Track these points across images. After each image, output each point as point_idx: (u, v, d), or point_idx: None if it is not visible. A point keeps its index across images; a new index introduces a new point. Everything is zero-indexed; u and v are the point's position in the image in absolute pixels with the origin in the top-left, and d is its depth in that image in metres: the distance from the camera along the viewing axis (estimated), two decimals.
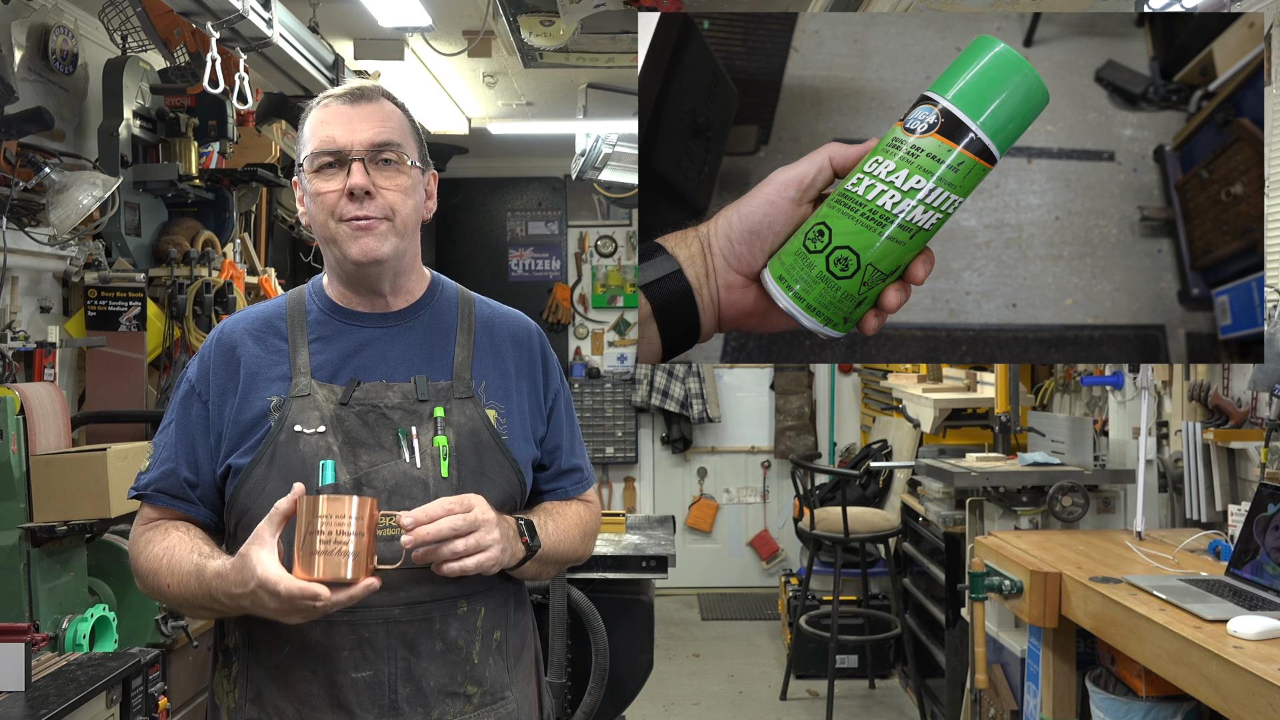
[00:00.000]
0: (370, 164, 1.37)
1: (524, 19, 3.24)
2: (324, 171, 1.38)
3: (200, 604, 1.34)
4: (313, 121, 1.40)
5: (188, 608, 1.39)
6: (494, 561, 1.31)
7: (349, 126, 1.37)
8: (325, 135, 1.38)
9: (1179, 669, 2.00)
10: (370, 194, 1.37)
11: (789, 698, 4.77)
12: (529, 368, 1.53)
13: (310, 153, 1.39)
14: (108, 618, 2.52)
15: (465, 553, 1.28)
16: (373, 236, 1.38)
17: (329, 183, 1.38)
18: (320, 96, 1.43)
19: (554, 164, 6.46)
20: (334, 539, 1.22)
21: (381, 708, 1.36)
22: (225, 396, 1.43)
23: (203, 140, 3.34)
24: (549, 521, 1.48)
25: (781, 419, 6.51)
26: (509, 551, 1.34)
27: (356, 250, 1.38)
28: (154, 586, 1.39)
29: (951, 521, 3.91)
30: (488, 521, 1.30)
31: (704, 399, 6.39)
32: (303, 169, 1.41)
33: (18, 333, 2.78)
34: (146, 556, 1.40)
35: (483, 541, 1.29)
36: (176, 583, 1.35)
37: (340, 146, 1.37)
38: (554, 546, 1.47)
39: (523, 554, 1.39)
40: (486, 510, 1.31)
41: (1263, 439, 2.73)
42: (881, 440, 5.61)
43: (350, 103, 1.39)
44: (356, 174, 1.36)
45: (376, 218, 1.37)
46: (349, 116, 1.38)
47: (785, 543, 6.56)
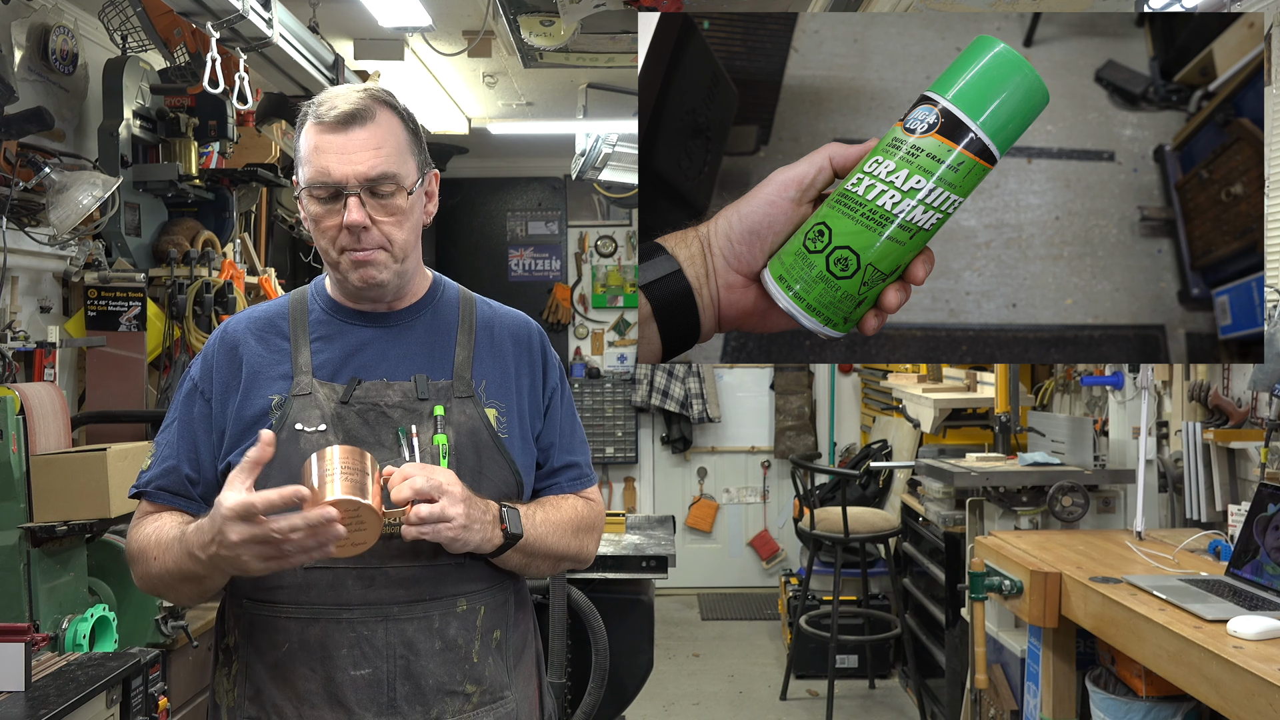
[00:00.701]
0: (366, 194, 1.37)
1: (524, 19, 3.24)
2: (320, 200, 1.38)
3: (182, 570, 1.33)
4: (308, 144, 1.39)
5: (173, 580, 1.37)
6: (454, 537, 1.31)
7: (343, 157, 1.36)
8: (320, 166, 1.37)
9: (1179, 669, 2.00)
10: (367, 228, 1.37)
11: (789, 698, 4.77)
12: (529, 366, 1.53)
13: (307, 181, 1.38)
14: (108, 618, 2.51)
15: (428, 519, 1.28)
16: (372, 267, 1.40)
17: (327, 214, 1.38)
18: (315, 108, 1.39)
19: (554, 164, 6.46)
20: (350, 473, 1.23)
21: (380, 706, 1.36)
22: (228, 394, 1.44)
23: (203, 140, 3.34)
24: (538, 512, 1.46)
25: (781, 419, 6.51)
26: (480, 534, 1.34)
27: (356, 278, 1.41)
28: (144, 570, 1.40)
29: (951, 521, 3.91)
30: (451, 494, 1.30)
31: (704, 399, 6.39)
32: (303, 188, 1.41)
33: (18, 333, 2.78)
34: (137, 539, 1.41)
35: (448, 511, 1.29)
36: (161, 553, 1.35)
37: (335, 180, 1.36)
38: (540, 538, 1.44)
39: (500, 540, 1.37)
40: (454, 484, 1.31)
41: (1263, 439, 2.73)
42: (881, 440, 5.61)
43: (344, 129, 1.37)
44: (353, 210, 1.36)
45: (373, 248, 1.39)
46: (343, 145, 1.36)
47: (785, 543, 6.56)
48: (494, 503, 1.39)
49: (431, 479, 1.30)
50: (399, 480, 1.29)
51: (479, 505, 1.35)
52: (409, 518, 1.29)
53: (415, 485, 1.29)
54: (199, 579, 1.34)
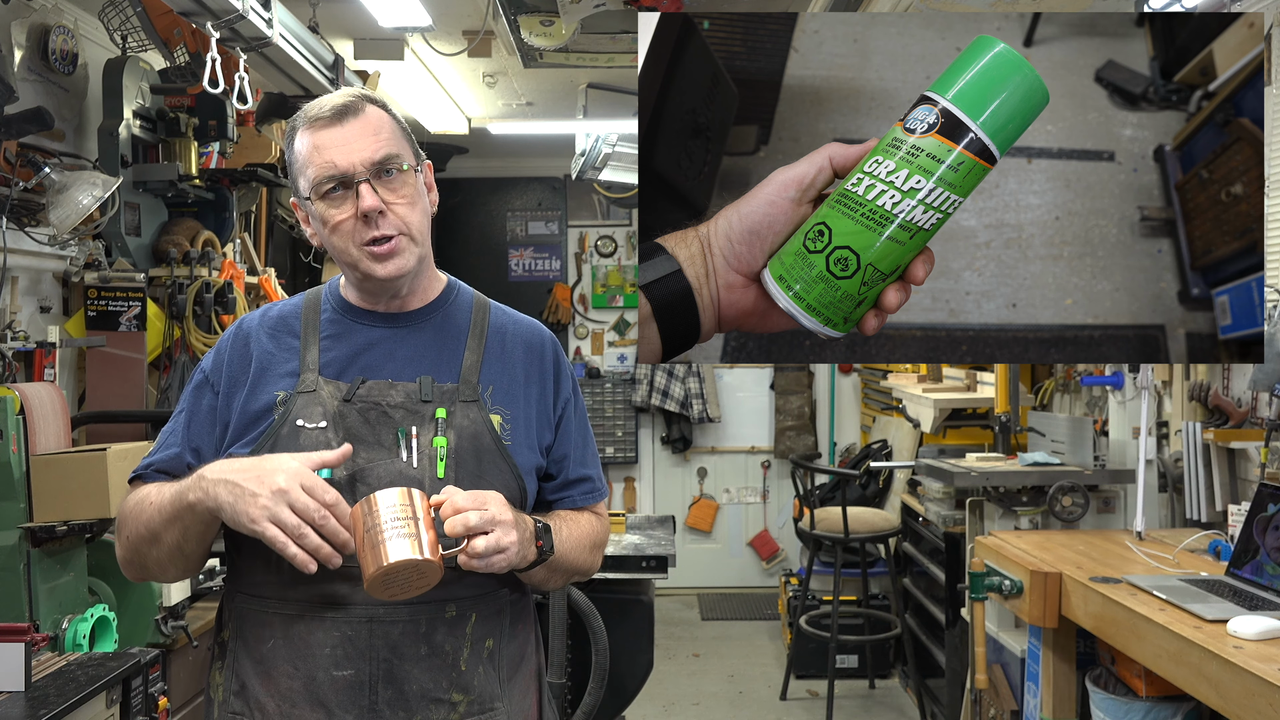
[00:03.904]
0: (375, 180, 1.37)
1: (524, 19, 3.24)
2: (330, 197, 1.38)
3: (150, 526, 1.35)
4: (305, 146, 1.39)
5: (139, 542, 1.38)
6: (508, 563, 1.30)
7: (346, 147, 1.37)
8: (324, 160, 1.37)
9: (1179, 669, 2.00)
10: (383, 212, 1.38)
11: (789, 698, 4.77)
12: (539, 375, 1.52)
13: (313, 180, 1.38)
14: (108, 618, 2.52)
15: (485, 553, 1.27)
16: (398, 256, 1.40)
17: (339, 209, 1.38)
18: (303, 115, 1.41)
19: (554, 164, 6.46)
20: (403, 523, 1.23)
21: (361, 709, 1.35)
22: (235, 388, 1.44)
23: (203, 140, 3.34)
24: (563, 528, 1.46)
25: (781, 419, 6.50)
26: (522, 554, 1.33)
27: (383, 272, 1.40)
28: (120, 537, 1.40)
29: (951, 521, 3.91)
30: (504, 523, 1.29)
31: (704, 399, 6.39)
32: (306, 198, 1.40)
33: (18, 333, 2.78)
34: (121, 510, 1.42)
35: (502, 542, 1.28)
36: (146, 508, 1.36)
37: (343, 170, 1.36)
38: (565, 554, 1.45)
39: (534, 557, 1.37)
40: (503, 508, 1.30)
41: (1263, 439, 2.73)
42: (881, 440, 5.61)
43: (339, 121, 1.38)
44: (367, 196, 1.36)
45: (394, 235, 1.39)
46: (343, 137, 1.37)
47: (785, 543, 6.56)
48: (529, 518, 1.38)
49: (484, 512, 1.28)
50: (450, 512, 1.27)
51: (523, 524, 1.34)
52: (467, 552, 1.27)
53: (469, 523, 1.26)
54: (156, 537, 1.35)
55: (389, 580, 1.24)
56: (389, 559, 1.21)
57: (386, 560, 1.21)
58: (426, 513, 1.26)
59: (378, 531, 1.23)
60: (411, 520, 1.24)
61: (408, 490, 1.27)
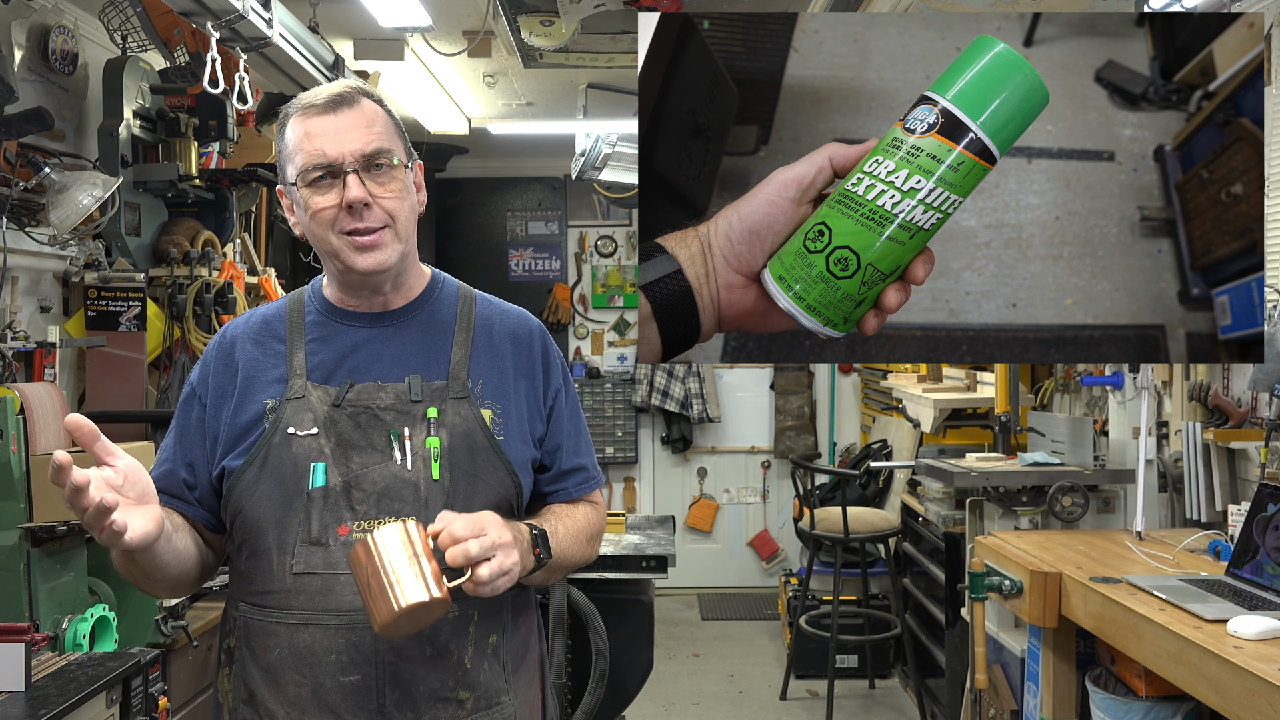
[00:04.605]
0: (364, 173, 1.37)
1: (524, 19, 3.25)
2: (317, 185, 1.37)
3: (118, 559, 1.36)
4: (296, 133, 1.38)
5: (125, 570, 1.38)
6: (511, 583, 1.29)
7: (336, 137, 1.36)
8: (314, 148, 1.36)
9: (1179, 669, 2.00)
10: (369, 205, 1.36)
11: (789, 698, 4.77)
12: (528, 366, 1.51)
13: (301, 168, 1.37)
14: (108, 618, 2.51)
15: (489, 580, 1.24)
16: (379, 250, 1.38)
17: (324, 197, 1.37)
18: (297, 103, 1.40)
19: (554, 164, 6.46)
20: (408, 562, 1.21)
21: (369, 712, 1.35)
22: (223, 399, 1.44)
23: (203, 140, 3.34)
24: (559, 526, 1.46)
25: (781, 419, 6.51)
26: (522, 566, 1.31)
27: (363, 264, 1.38)
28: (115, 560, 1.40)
29: (951, 521, 3.91)
30: (505, 545, 1.26)
31: (704, 399, 6.39)
32: (292, 183, 1.39)
33: (18, 333, 2.78)
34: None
35: (504, 565, 1.26)
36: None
37: (332, 159, 1.35)
38: (563, 554, 1.44)
39: (532, 565, 1.36)
40: (501, 530, 1.27)
41: (1263, 439, 2.73)
42: (881, 440, 5.61)
43: (332, 110, 1.37)
44: (353, 187, 1.35)
45: (377, 228, 1.38)
46: (335, 126, 1.36)
47: (785, 543, 6.56)
48: (524, 527, 1.37)
49: (483, 539, 1.24)
50: (449, 542, 1.23)
51: (520, 538, 1.32)
52: (472, 580, 1.24)
53: (470, 553, 1.23)
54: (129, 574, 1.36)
55: (400, 623, 1.22)
56: (402, 603, 1.19)
57: (399, 605, 1.19)
58: (425, 545, 1.23)
59: (383, 575, 1.20)
60: (415, 559, 1.21)
61: (404, 526, 1.23)
